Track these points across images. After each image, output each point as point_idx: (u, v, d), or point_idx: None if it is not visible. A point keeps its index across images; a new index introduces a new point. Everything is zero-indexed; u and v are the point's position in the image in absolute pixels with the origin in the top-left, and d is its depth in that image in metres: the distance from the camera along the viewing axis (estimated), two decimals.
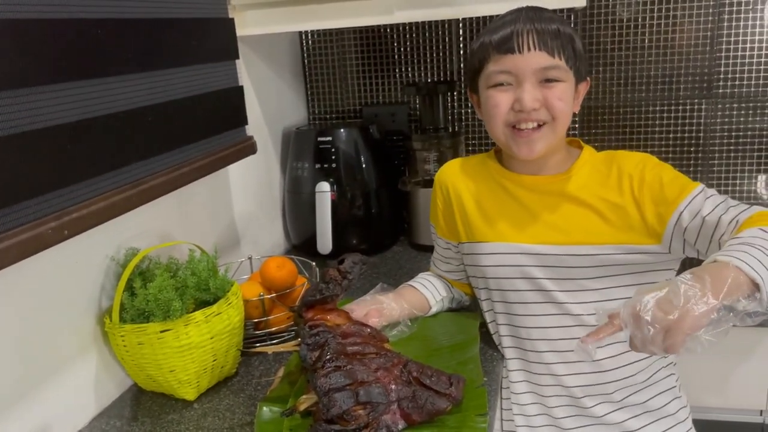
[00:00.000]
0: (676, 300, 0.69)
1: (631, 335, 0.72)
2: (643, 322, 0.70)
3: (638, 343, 0.72)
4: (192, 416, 0.97)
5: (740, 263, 0.73)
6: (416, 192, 1.60)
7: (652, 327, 0.69)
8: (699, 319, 0.68)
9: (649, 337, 0.70)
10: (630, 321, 0.72)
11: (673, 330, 0.69)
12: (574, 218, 0.99)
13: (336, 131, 1.57)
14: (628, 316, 0.72)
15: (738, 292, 0.71)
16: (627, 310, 0.72)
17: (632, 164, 0.98)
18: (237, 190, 1.44)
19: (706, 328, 0.69)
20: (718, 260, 0.75)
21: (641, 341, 0.71)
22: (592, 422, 1.04)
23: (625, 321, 0.72)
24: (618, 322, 0.73)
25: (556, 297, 1.01)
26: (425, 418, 0.86)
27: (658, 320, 0.69)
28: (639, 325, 0.71)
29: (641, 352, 0.73)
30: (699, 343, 0.69)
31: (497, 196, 1.06)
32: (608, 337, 0.75)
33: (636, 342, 0.72)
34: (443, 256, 1.19)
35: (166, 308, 0.92)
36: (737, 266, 0.73)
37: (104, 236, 1.01)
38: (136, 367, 0.98)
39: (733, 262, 0.73)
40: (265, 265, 1.17)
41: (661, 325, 0.69)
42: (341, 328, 0.93)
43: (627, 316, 0.72)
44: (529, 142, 0.96)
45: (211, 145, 1.17)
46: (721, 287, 0.70)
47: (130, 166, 0.96)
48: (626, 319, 0.72)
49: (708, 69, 1.60)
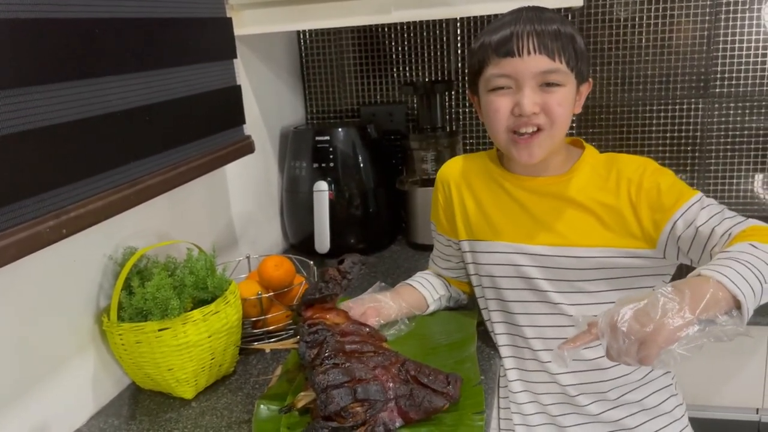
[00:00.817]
0: (653, 312, 0.70)
1: (607, 345, 0.73)
2: (619, 333, 0.70)
3: (614, 353, 0.72)
4: (190, 415, 0.97)
5: (723, 278, 0.73)
6: (414, 191, 1.60)
7: (627, 338, 0.70)
8: (674, 333, 0.68)
9: (624, 348, 0.70)
10: (607, 331, 0.72)
11: (648, 343, 0.69)
12: (571, 221, 1.00)
13: (334, 131, 1.57)
14: (606, 326, 0.72)
15: (716, 307, 0.71)
16: (605, 319, 0.73)
17: (632, 168, 0.98)
18: (235, 189, 1.44)
19: (681, 342, 0.69)
20: (701, 274, 0.75)
21: (617, 351, 0.72)
22: (589, 420, 1.05)
23: (602, 330, 0.73)
24: (595, 331, 0.74)
25: (551, 297, 1.02)
26: (422, 416, 0.86)
27: (634, 332, 0.70)
28: (615, 335, 0.71)
29: (616, 362, 0.73)
30: (672, 357, 0.69)
31: (497, 196, 1.06)
32: (585, 345, 0.75)
33: (612, 352, 0.73)
34: (443, 253, 1.19)
35: (164, 307, 0.93)
36: (719, 281, 0.72)
37: (102, 235, 1.01)
38: (134, 365, 0.98)
39: (716, 276, 0.73)
40: (262, 264, 1.17)
41: (636, 337, 0.70)
42: (340, 326, 0.94)
43: (604, 326, 0.72)
44: (528, 148, 0.96)
45: (208, 145, 1.17)
46: (699, 302, 0.70)
47: (127, 165, 0.96)
48: (603, 328, 0.73)
49: (705, 68, 1.61)
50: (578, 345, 0.75)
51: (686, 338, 0.69)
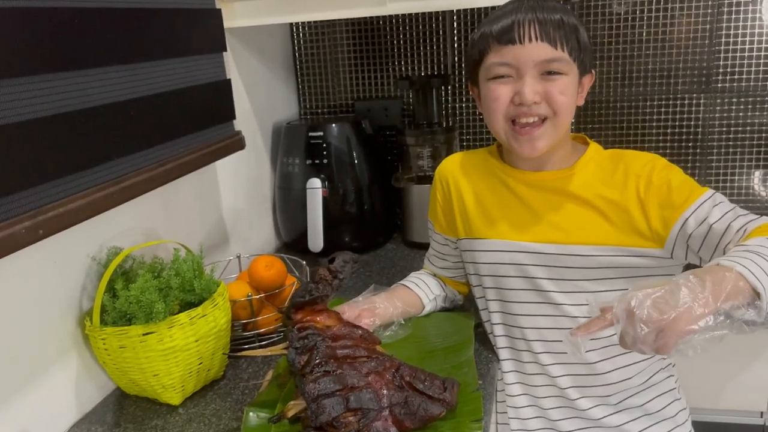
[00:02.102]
0: (674, 300, 0.67)
1: (622, 332, 0.69)
2: (636, 320, 0.67)
3: (629, 340, 0.69)
4: (177, 422, 0.93)
5: (743, 269, 0.71)
6: (410, 188, 1.57)
7: (645, 325, 0.67)
8: (694, 322, 0.66)
9: (640, 335, 0.67)
10: (623, 317, 0.69)
11: (667, 331, 0.66)
12: (575, 218, 0.97)
13: (327, 126, 1.53)
14: (622, 312, 0.69)
15: (737, 298, 0.69)
16: (621, 305, 0.69)
17: (640, 165, 0.95)
18: (226, 186, 1.40)
19: (701, 332, 0.66)
20: (721, 264, 0.73)
21: (632, 339, 0.69)
22: (590, 425, 1.02)
23: (618, 316, 0.70)
24: (610, 316, 0.70)
25: (553, 297, 0.98)
26: (418, 424, 0.83)
27: (653, 320, 0.67)
28: (632, 322, 0.68)
29: (630, 349, 0.70)
30: (691, 347, 0.67)
31: (498, 192, 1.03)
32: (599, 331, 0.72)
33: (626, 339, 0.69)
34: (440, 252, 1.16)
35: (149, 310, 0.89)
36: (739, 272, 0.71)
37: (85, 235, 0.97)
38: (118, 371, 0.94)
39: (736, 267, 0.71)
40: (253, 264, 1.14)
41: (654, 325, 0.67)
42: (331, 330, 0.90)
43: (621, 311, 0.69)
44: (531, 140, 0.93)
45: (197, 141, 1.13)
46: (721, 291, 0.68)
47: (111, 162, 0.92)
48: (619, 314, 0.69)
49: (707, 63, 1.57)
50: (592, 331, 0.72)
51: (707, 328, 0.66)
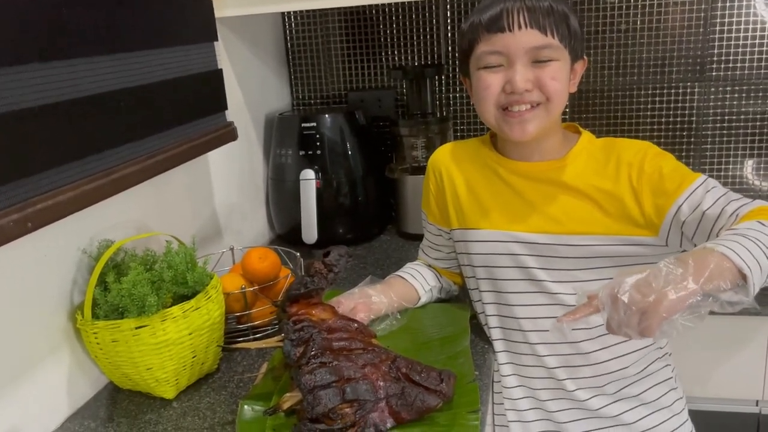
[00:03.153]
0: (656, 282, 0.68)
1: (608, 317, 0.71)
2: (620, 304, 0.69)
3: (614, 325, 0.71)
4: (171, 416, 0.92)
5: (728, 251, 0.71)
6: (404, 179, 1.55)
7: (628, 309, 0.68)
8: (676, 303, 0.67)
9: (625, 319, 0.69)
10: (608, 302, 0.70)
11: (649, 312, 0.67)
12: (568, 207, 0.96)
13: (320, 117, 1.52)
14: (606, 297, 0.71)
15: (721, 279, 0.69)
16: (605, 291, 0.71)
17: (632, 153, 0.94)
18: (218, 178, 1.38)
19: (683, 312, 0.67)
20: (705, 247, 0.74)
21: (617, 323, 0.70)
22: (587, 415, 1.01)
23: (603, 302, 0.71)
24: (596, 303, 0.72)
25: (547, 287, 0.98)
26: (415, 416, 0.82)
27: (635, 302, 0.68)
28: (616, 306, 0.69)
29: (617, 334, 0.71)
30: (674, 327, 0.68)
31: (491, 182, 1.03)
32: (585, 317, 0.74)
33: (612, 324, 0.71)
34: (433, 243, 1.15)
35: (141, 304, 0.88)
36: (723, 253, 0.71)
37: (76, 227, 0.95)
38: (111, 365, 0.93)
39: (719, 248, 0.72)
40: (246, 256, 1.12)
41: (637, 307, 0.68)
42: (327, 323, 0.89)
43: (605, 297, 0.71)
44: (521, 122, 0.92)
45: (188, 132, 1.11)
46: (702, 272, 0.69)
47: (101, 154, 0.91)
48: (604, 300, 0.71)
49: (701, 51, 1.57)
50: (578, 317, 0.74)
51: (690, 308, 0.67)
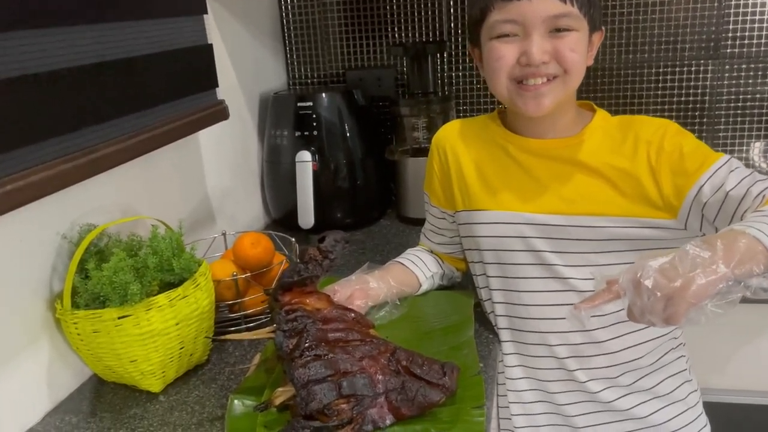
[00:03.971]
0: (682, 266, 0.63)
1: (629, 303, 0.66)
2: (643, 289, 0.64)
3: (637, 312, 0.66)
4: (157, 410, 0.87)
5: (760, 234, 0.66)
6: (404, 161, 1.50)
7: (652, 295, 0.63)
8: (705, 287, 0.62)
9: (648, 305, 0.64)
10: (629, 287, 0.66)
11: (676, 298, 0.62)
12: (582, 187, 0.91)
13: (317, 96, 1.46)
14: (628, 282, 0.66)
15: (752, 262, 0.64)
16: (627, 275, 0.66)
17: (651, 131, 0.89)
18: (210, 160, 1.32)
19: (713, 298, 0.63)
20: (734, 229, 0.68)
21: (640, 310, 0.65)
22: (598, 408, 0.96)
23: (624, 287, 0.66)
24: (616, 288, 0.67)
25: (559, 271, 0.93)
26: (416, 411, 0.77)
27: (660, 287, 0.63)
28: (639, 292, 0.65)
29: (639, 322, 0.66)
30: (703, 314, 0.63)
31: (499, 161, 0.97)
32: (604, 304, 0.68)
33: (634, 311, 0.66)
34: (436, 227, 1.10)
35: (123, 292, 0.82)
36: (755, 236, 0.66)
37: (55, 211, 0.90)
38: (93, 357, 0.88)
39: (751, 231, 0.67)
40: (238, 242, 1.07)
41: (662, 293, 0.63)
42: (322, 312, 0.84)
43: (626, 282, 0.66)
44: (536, 96, 0.87)
45: (176, 109, 1.05)
46: (733, 255, 0.64)
47: (79, 131, 0.84)
48: (625, 285, 0.66)
49: (715, 27, 1.50)
50: (597, 304, 0.68)
51: (719, 293, 0.62)
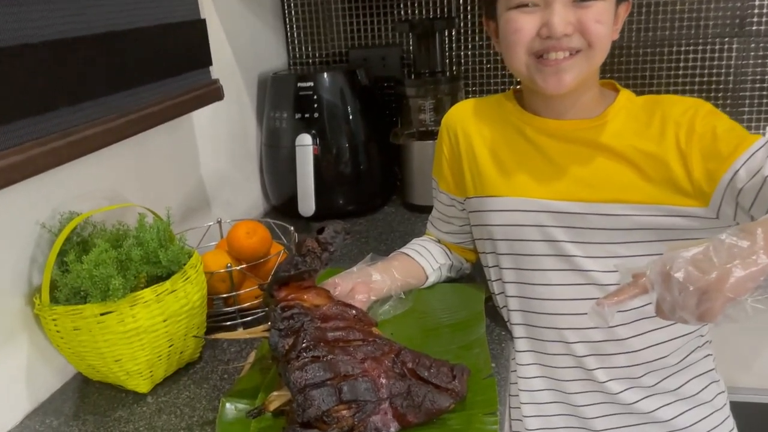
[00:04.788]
0: (718, 257, 0.57)
1: (658, 299, 0.60)
2: (674, 282, 0.58)
3: (666, 308, 0.59)
4: (144, 413, 0.81)
5: None
6: (410, 145, 1.42)
7: (684, 288, 0.57)
8: (744, 280, 0.56)
9: (680, 300, 0.58)
10: (658, 281, 0.59)
11: (711, 293, 0.56)
12: (605, 172, 0.84)
13: (318, 76, 1.38)
14: (657, 275, 0.59)
15: None
16: (656, 267, 0.60)
17: (680, 110, 0.82)
18: (205, 144, 1.25)
19: (753, 292, 0.56)
20: None
21: (670, 305, 0.59)
22: (618, 410, 0.90)
23: (652, 281, 0.60)
24: (644, 282, 0.61)
25: (579, 263, 0.86)
26: (423, 418, 0.71)
27: (693, 280, 0.57)
28: (669, 285, 0.58)
29: (669, 319, 0.60)
30: (742, 310, 0.57)
31: (515, 143, 0.90)
32: (630, 299, 0.61)
33: (664, 306, 0.60)
34: (444, 214, 1.03)
35: (105, 287, 0.75)
36: None
37: (33, 198, 0.83)
38: (75, 356, 0.82)
39: None
40: (232, 231, 1.00)
41: (696, 287, 0.57)
42: (320, 309, 0.77)
43: (655, 275, 0.60)
44: (557, 72, 0.80)
45: (165, 89, 0.98)
46: None
47: (56, 111, 0.77)
48: (654, 278, 0.60)
49: (740, 3, 1.41)
50: (622, 299, 0.61)
51: (761, 287, 0.56)
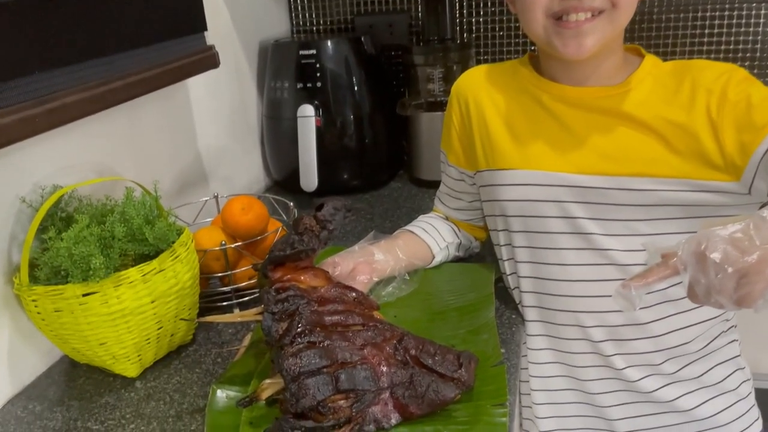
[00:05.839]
0: (759, 236, 0.53)
1: (691, 281, 0.55)
2: (709, 263, 0.54)
3: (701, 291, 0.55)
4: (131, 399, 0.76)
5: None
6: (418, 116, 1.36)
7: (721, 270, 0.53)
8: None
9: (716, 283, 0.53)
10: (692, 262, 0.55)
11: (752, 275, 0.52)
12: (628, 143, 0.78)
13: (322, 44, 1.31)
14: (690, 256, 0.55)
15: None
16: (689, 247, 0.55)
17: (712, 77, 0.75)
18: (202, 114, 1.19)
19: None
20: None
21: (705, 289, 0.54)
22: (636, 399, 0.85)
23: (684, 261, 0.55)
24: (674, 263, 0.56)
25: (598, 242, 0.80)
26: (426, 410, 0.65)
27: (732, 261, 0.53)
28: (704, 267, 0.54)
29: (703, 304, 0.56)
30: None
31: (531, 112, 0.84)
32: (659, 282, 0.57)
33: (698, 290, 0.55)
34: (453, 190, 0.97)
35: (85, 266, 0.70)
36: None
37: (14, 170, 0.78)
38: (58, 338, 0.77)
39: None
40: (227, 207, 0.94)
41: (735, 268, 0.53)
42: (318, 291, 0.72)
43: (688, 255, 0.55)
44: (578, 35, 0.74)
45: (153, 55, 0.92)
46: None
47: (29, 77, 0.72)
48: (687, 259, 0.55)
49: None
50: (650, 281, 0.57)
51: None
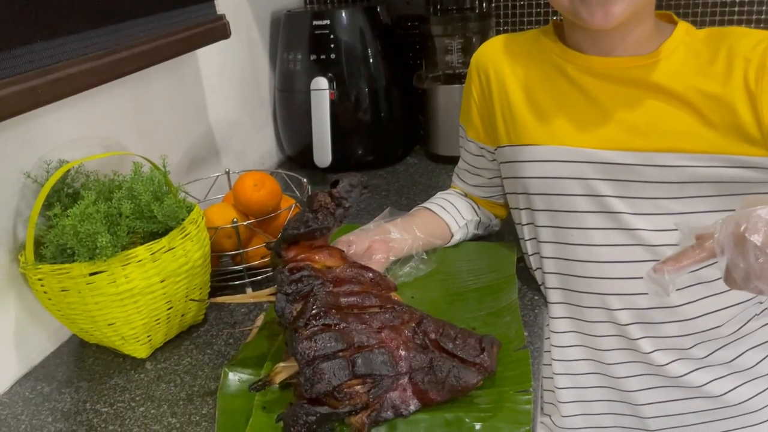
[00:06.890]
0: None
1: (728, 264, 0.54)
2: (749, 246, 0.52)
3: (739, 276, 0.53)
4: (141, 380, 0.74)
5: None
6: (435, 90, 1.31)
7: (763, 254, 0.52)
8: None
9: (757, 268, 0.52)
10: (730, 244, 0.53)
11: None
12: (658, 116, 0.73)
13: (336, 14, 1.27)
14: (728, 237, 0.53)
15: None
16: (727, 228, 0.54)
17: (750, 45, 0.71)
18: (213, 87, 1.15)
19: None
20: None
21: (744, 273, 0.53)
22: (663, 383, 0.81)
23: (722, 244, 0.53)
24: (710, 245, 0.54)
25: (626, 221, 0.77)
26: (447, 396, 0.63)
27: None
28: (743, 250, 0.52)
29: (741, 288, 0.54)
30: None
31: (555, 84, 0.79)
32: (694, 265, 0.55)
33: (736, 274, 0.53)
34: (473, 166, 0.93)
35: (92, 244, 0.68)
36: None
37: (15, 145, 0.75)
38: (65, 318, 0.75)
39: None
40: (238, 183, 0.91)
41: None
42: (333, 271, 0.69)
43: (726, 236, 0.53)
44: (605, 2, 0.70)
45: (160, 24, 0.88)
46: None
47: (31, 45, 0.68)
48: (724, 241, 0.53)
49: None
50: (685, 264, 0.55)
51: None
